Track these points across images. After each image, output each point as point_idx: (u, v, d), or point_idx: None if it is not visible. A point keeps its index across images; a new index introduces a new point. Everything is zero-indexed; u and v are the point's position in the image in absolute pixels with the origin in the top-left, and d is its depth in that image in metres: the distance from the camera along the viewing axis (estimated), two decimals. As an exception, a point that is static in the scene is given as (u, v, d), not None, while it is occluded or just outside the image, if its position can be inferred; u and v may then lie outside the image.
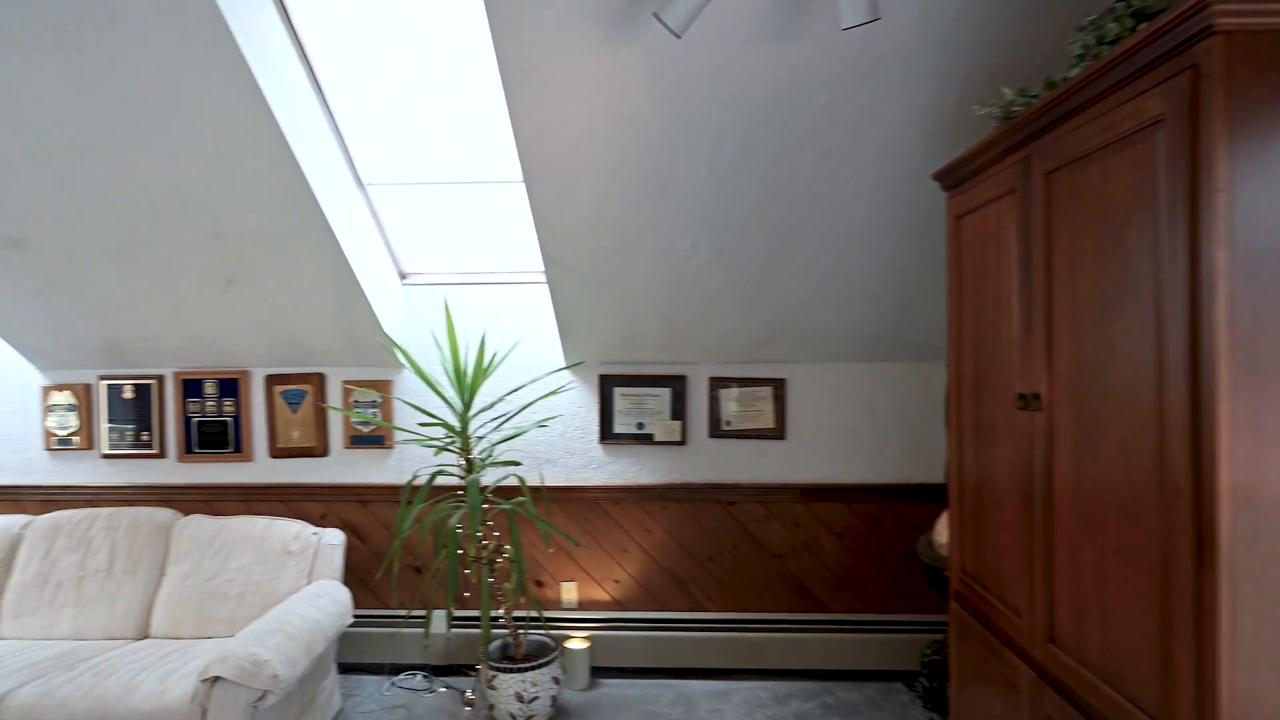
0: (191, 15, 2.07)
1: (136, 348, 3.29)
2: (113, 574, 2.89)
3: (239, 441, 3.37)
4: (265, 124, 2.36)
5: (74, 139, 2.44)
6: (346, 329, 3.14)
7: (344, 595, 2.83)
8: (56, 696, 2.25)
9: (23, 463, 3.45)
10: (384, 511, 3.36)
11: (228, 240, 2.77)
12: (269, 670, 2.18)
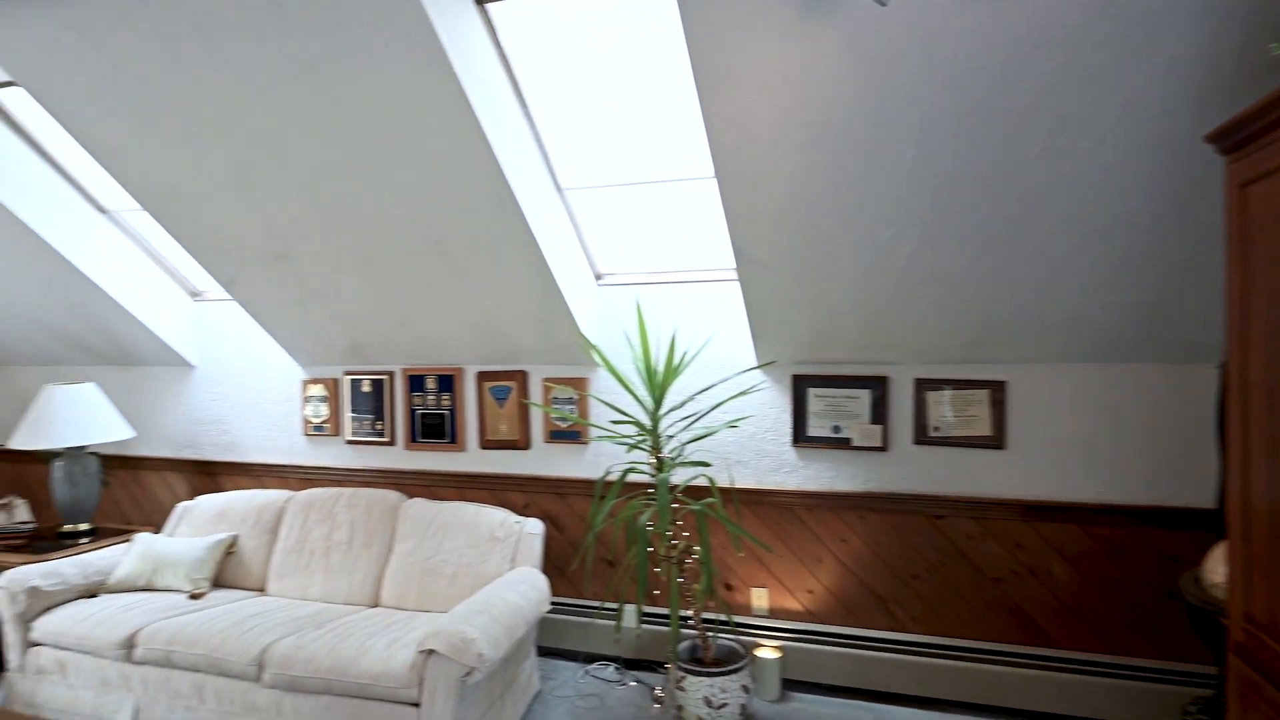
0: (419, 51, 2.26)
1: (373, 347, 3.69)
2: (352, 547, 3.27)
3: (454, 433, 3.67)
4: (476, 141, 2.52)
5: (325, 165, 2.78)
6: (546, 329, 3.29)
7: (543, 583, 2.96)
8: (306, 651, 2.57)
9: (288, 445, 4.02)
10: (580, 504, 3.49)
11: (446, 249, 3.02)
12: (476, 648, 2.33)
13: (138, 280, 3.92)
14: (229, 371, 4.12)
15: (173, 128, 2.78)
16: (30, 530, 3.84)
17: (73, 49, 2.54)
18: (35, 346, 4.42)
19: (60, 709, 2.90)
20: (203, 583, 3.24)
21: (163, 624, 2.82)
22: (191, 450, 4.22)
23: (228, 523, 3.50)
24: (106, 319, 3.95)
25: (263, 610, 2.97)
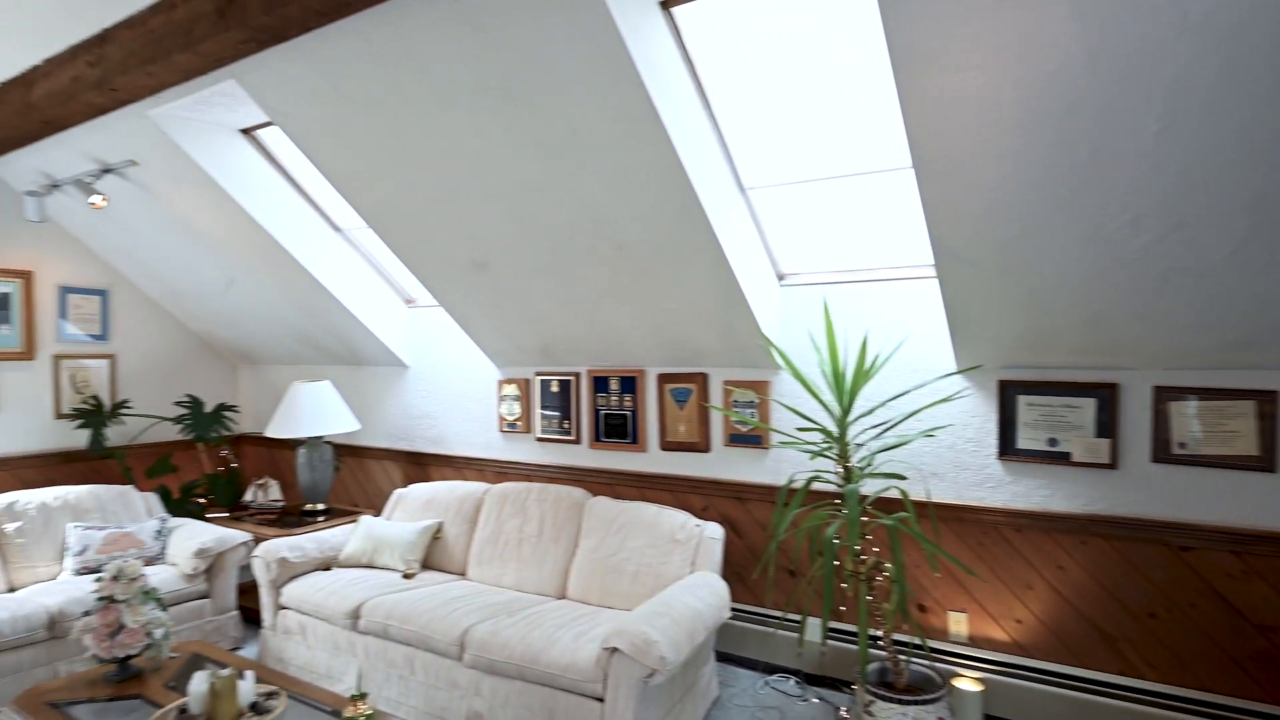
0: (606, 60, 2.32)
1: (562, 349, 3.86)
2: (541, 540, 3.43)
3: (635, 433, 3.74)
4: (661, 145, 2.54)
5: (519, 177, 2.94)
6: (727, 331, 3.25)
7: (723, 588, 2.92)
8: (501, 637, 2.73)
9: (485, 440, 4.32)
10: (760, 510, 3.41)
11: (629, 252, 3.08)
12: (658, 651, 2.34)
13: (363, 290, 4.41)
14: (436, 371, 4.50)
15: (393, 153, 3.08)
16: (280, 508, 4.45)
17: (316, 89, 2.89)
18: (284, 348, 5.13)
19: (301, 665, 3.32)
20: (414, 564, 3.56)
21: (382, 599, 3.13)
22: (405, 442, 4.67)
23: (434, 510, 3.82)
24: (339, 324, 4.48)
25: (464, 594, 3.21)
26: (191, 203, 3.99)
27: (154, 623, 2.48)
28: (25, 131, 3.73)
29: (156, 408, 5.17)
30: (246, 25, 2.51)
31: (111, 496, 3.95)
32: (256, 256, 4.20)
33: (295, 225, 4.12)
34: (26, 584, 3.50)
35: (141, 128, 3.54)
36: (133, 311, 5.13)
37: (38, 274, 4.67)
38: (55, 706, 2.28)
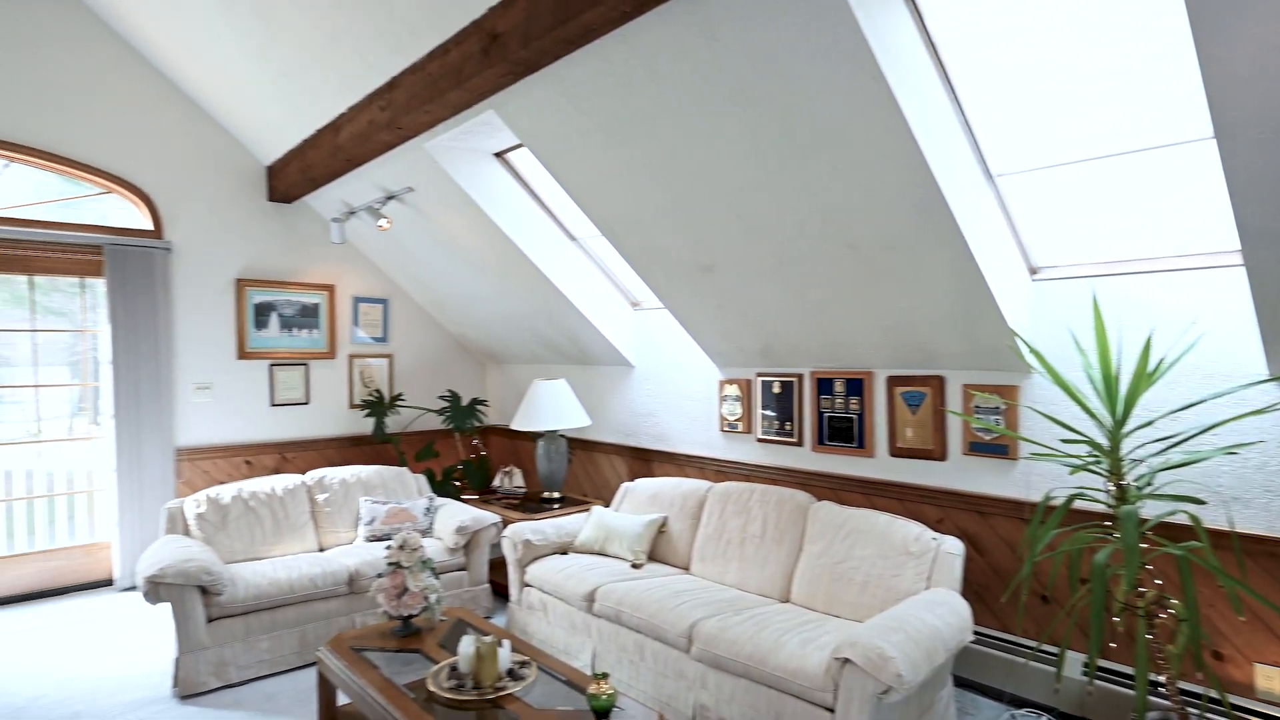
0: (844, 54, 2.27)
1: (784, 350, 3.83)
2: (764, 541, 3.43)
3: (861, 437, 3.60)
4: (900, 136, 2.42)
5: (745, 179, 2.97)
6: (969, 331, 3.01)
7: (964, 609, 2.71)
8: (729, 634, 2.77)
9: (706, 439, 4.41)
10: (1005, 526, 3.11)
11: (860, 250, 2.97)
12: (893, 668, 2.23)
13: (594, 294, 4.71)
14: (660, 371, 4.68)
15: (626, 164, 3.26)
16: (523, 494, 4.90)
17: (560, 110, 3.14)
18: (525, 349, 5.64)
19: (543, 640, 3.63)
20: (641, 555, 3.73)
21: (614, 586, 3.32)
22: (630, 438, 4.91)
23: (659, 505, 3.98)
24: (573, 326, 4.83)
25: (689, 588, 3.30)
26: (454, 220, 4.54)
27: (430, 588, 2.85)
28: (333, 169, 4.48)
29: (422, 401, 5.94)
30: (506, 60, 2.80)
31: (392, 476, 4.61)
32: (504, 265, 4.67)
33: (536, 236, 4.51)
34: (331, 545, 4.20)
35: (418, 159, 4.09)
36: (406, 317, 5.95)
37: (338, 287, 5.59)
38: (356, 651, 2.71)
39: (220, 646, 3.28)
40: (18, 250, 4.43)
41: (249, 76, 4.31)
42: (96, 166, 4.64)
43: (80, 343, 4.81)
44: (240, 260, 5.16)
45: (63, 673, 3.44)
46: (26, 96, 4.40)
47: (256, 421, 5.24)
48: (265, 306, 5.26)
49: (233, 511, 3.94)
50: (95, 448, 4.83)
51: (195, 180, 4.98)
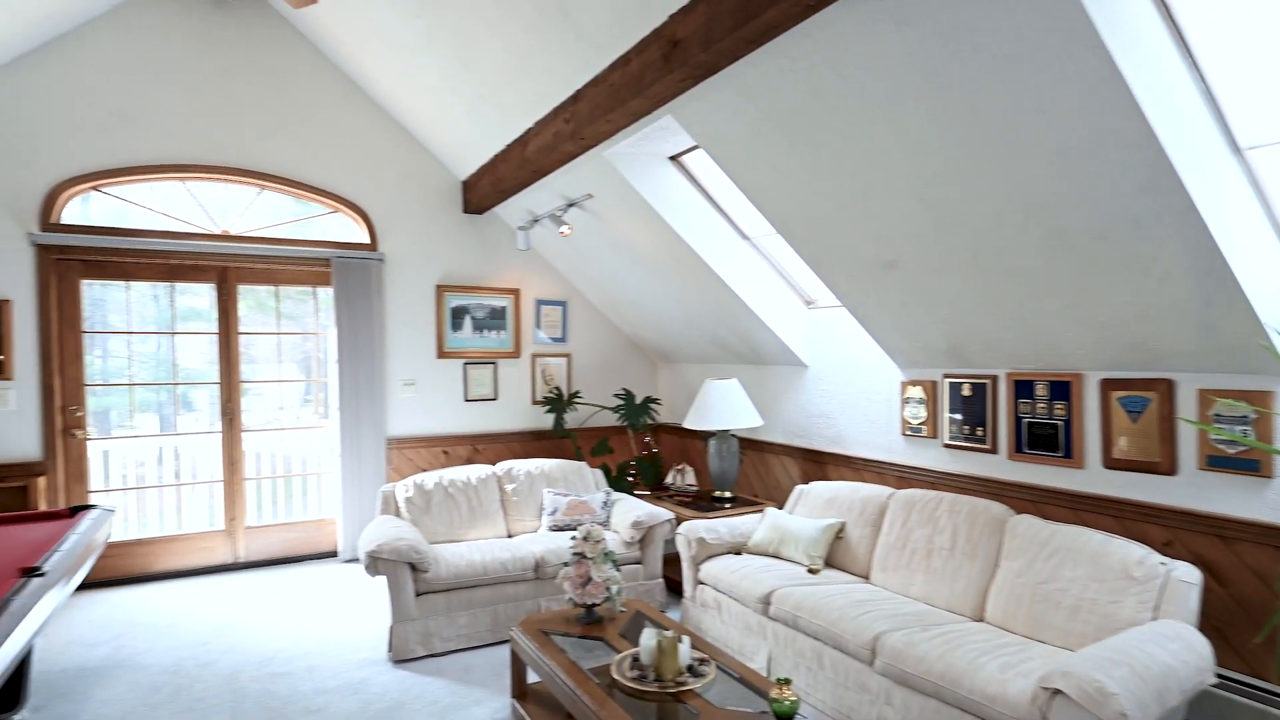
0: (1056, 26, 2.07)
1: (974, 350, 3.56)
2: (954, 554, 3.21)
3: (1069, 446, 3.26)
4: (1123, 110, 2.17)
5: (935, 169, 2.79)
6: (1207, 327, 2.63)
7: (1203, 646, 2.37)
8: (917, 651, 2.63)
9: (886, 443, 4.21)
10: (1253, 555, 2.68)
11: (1068, 238, 2.69)
12: (1115, 705, 2.00)
13: (767, 293, 4.66)
14: (835, 371, 4.54)
15: (805, 160, 3.19)
16: (694, 492, 4.96)
17: (739, 110, 3.14)
18: (697, 348, 5.70)
19: (716, 638, 3.65)
20: (818, 560, 3.64)
21: (790, 590, 3.27)
22: (803, 440, 4.80)
23: (836, 509, 3.86)
24: (744, 326, 4.81)
25: (871, 598, 3.17)
26: (630, 224, 4.68)
27: (611, 580, 2.97)
28: (520, 180, 4.79)
29: (598, 398, 6.19)
30: (687, 65, 2.84)
31: (572, 470, 4.84)
32: (677, 266, 4.74)
33: (709, 237, 4.54)
34: (518, 533, 4.50)
35: (597, 166, 4.27)
36: (583, 318, 6.23)
37: (522, 291, 5.97)
38: (545, 634, 2.88)
39: (426, 619, 3.62)
40: (266, 265, 5.16)
41: (450, 100, 4.72)
42: (325, 189, 5.30)
43: (308, 344, 5.52)
44: (440, 268, 5.67)
45: (299, 630, 3.96)
46: (275, 134, 5.11)
47: (452, 415, 5.72)
48: (460, 310, 5.73)
49: (435, 497, 4.33)
50: (322, 435, 5.51)
51: (403, 197, 5.54)
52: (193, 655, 3.65)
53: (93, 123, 4.65)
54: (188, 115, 4.88)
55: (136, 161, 4.77)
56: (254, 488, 5.29)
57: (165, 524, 5.08)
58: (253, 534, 5.20)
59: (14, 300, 4.48)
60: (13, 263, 4.48)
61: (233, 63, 4.99)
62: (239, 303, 5.14)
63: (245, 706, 3.12)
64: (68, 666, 3.53)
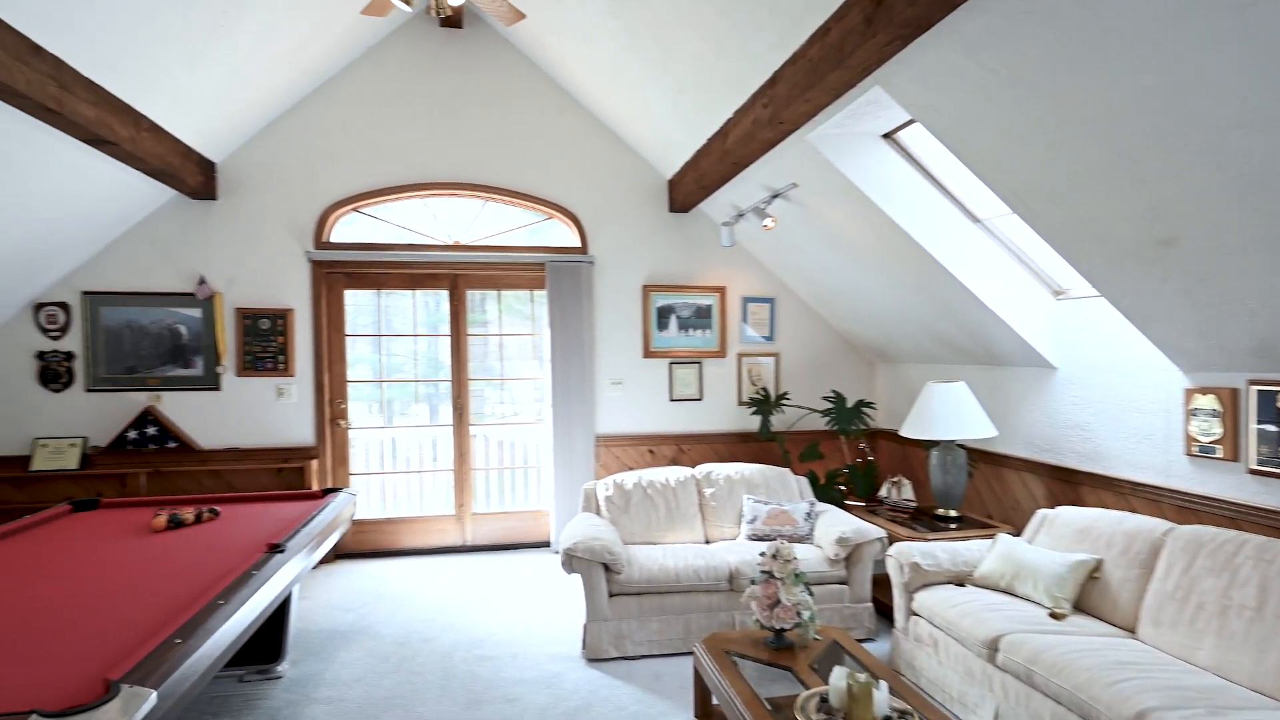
0: None
1: (1297, 350, 2.73)
2: (1262, 616, 2.46)
3: None
4: None
5: (1233, 115, 2.14)
6: None
7: None
8: (1200, 741, 2.03)
9: (1162, 464, 3.41)
10: None
11: None
12: None
13: (1003, 283, 4.01)
14: (1092, 374, 3.78)
15: (1042, 121, 2.64)
16: (912, 508, 4.44)
17: (958, 70, 2.68)
18: (918, 346, 5.12)
19: (931, 680, 3.19)
20: (1064, 603, 3.03)
21: (1025, 637, 2.74)
22: (1050, 454, 4.07)
23: (1090, 542, 3.19)
24: (975, 321, 4.20)
25: (1135, 660, 2.54)
26: (838, 212, 4.30)
27: (802, 604, 2.69)
28: (722, 174, 4.63)
29: (807, 400, 5.84)
30: (892, 24, 2.47)
31: (774, 476, 4.59)
32: (893, 256, 4.27)
33: (931, 222, 4.02)
34: (716, 539, 4.35)
35: (800, 152, 3.97)
36: (791, 315, 5.91)
37: (728, 289, 5.81)
38: (728, 654, 2.69)
39: (619, 620, 3.61)
40: (490, 271, 5.55)
41: (651, 97, 4.70)
42: (541, 197, 5.57)
43: (526, 344, 5.83)
44: (646, 268, 5.70)
45: (509, 616, 4.18)
46: (497, 148, 5.48)
47: (658, 415, 5.73)
48: (666, 309, 5.72)
49: (634, 497, 4.33)
50: (539, 430, 5.81)
51: (612, 200, 5.65)
52: (419, 630, 4.00)
53: (353, 152, 5.32)
54: (425, 139, 5.40)
55: (386, 184, 5.38)
56: (481, 477, 5.73)
57: (408, 506, 5.68)
58: (479, 520, 5.64)
59: (295, 309, 5.27)
60: (294, 277, 5.27)
61: (462, 86, 5.43)
62: (467, 306, 5.59)
63: (451, 686, 3.33)
64: (324, 628, 4.04)
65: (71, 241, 4.73)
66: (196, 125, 4.57)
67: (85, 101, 3.55)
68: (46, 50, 3.24)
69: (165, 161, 4.40)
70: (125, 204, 4.77)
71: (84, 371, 5.04)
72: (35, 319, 4.99)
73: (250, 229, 5.22)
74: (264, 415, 5.25)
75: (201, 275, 5.15)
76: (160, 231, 5.11)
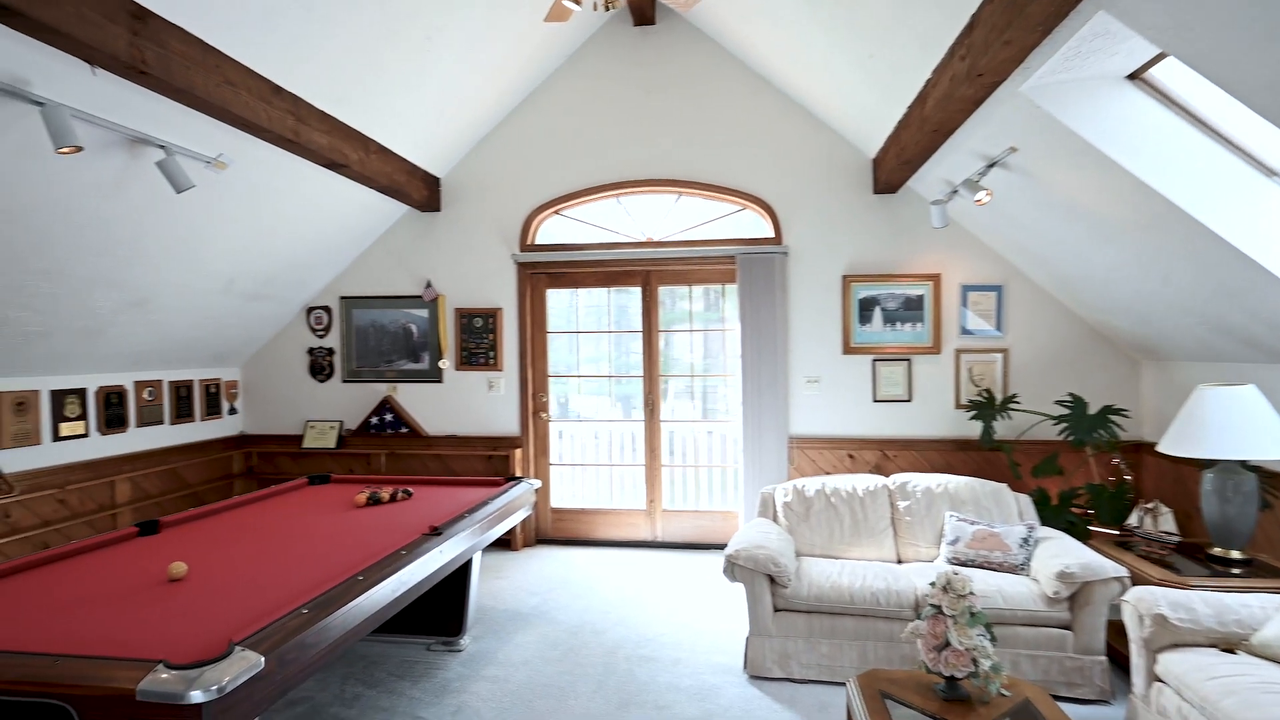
0: None
1: None
2: None
3: None
4: None
5: None
6: None
7: None
8: None
9: None
10: None
11: None
12: None
13: (1315, 256, 3.02)
14: None
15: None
16: (1173, 543, 3.53)
17: (1205, -30, 2.03)
18: (1194, 339, 4.07)
19: (1183, 768, 2.47)
20: (1394, 697, 2.16)
21: (1315, 737, 1.99)
22: (1395, 488, 2.98)
23: None
24: (1271, 306, 3.22)
25: None
26: (1071, 178, 3.56)
27: (979, 651, 2.22)
28: (923, 145, 4.07)
29: (1043, 404, 4.95)
30: (1091, -79, 1.93)
31: (986, 492, 3.93)
32: (1154, 228, 3.43)
33: (1202, 181, 3.14)
34: (910, 559, 3.83)
35: (1014, 109, 3.33)
36: (1025, 304, 5.06)
37: (944, 276, 5.13)
38: (885, 697, 2.31)
39: (784, 638, 3.32)
40: (682, 266, 5.49)
41: (841, 65, 4.29)
42: (733, 188, 5.38)
43: (715, 341, 5.67)
44: (846, 257, 5.25)
45: (679, 618, 4.07)
46: (689, 141, 5.40)
47: (859, 417, 5.25)
48: (869, 301, 5.21)
49: (815, 505, 3.98)
50: (728, 429, 5.63)
51: (807, 185, 5.28)
52: (592, 621, 4.05)
53: (554, 157, 5.58)
54: (620, 138, 5.49)
55: (583, 185, 5.56)
56: (671, 474, 5.70)
57: (603, 498, 5.82)
58: (669, 516, 5.61)
59: (503, 308, 5.67)
60: (503, 279, 5.67)
61: (654, 82, 5.43)
62: (659, 302, 5.59)
63: (608, 683, 3.30)
64: (510, 608, 4.27)
65: (330, 254, 5.54)
66: (417, 144, 5.09)
67: (319, 131, 4.10)
68: (285, 89, 3.80)
69: (392, 179, 4.96)
70: (367, 219, 5.47)
71: (341, 365, 5.89)
72: (307, 320, 5.93)
73: (466, 236, 5.71)
74: (477, 406, 5.72)
75: (428, 279, 5.75)
76: (396, 242, 5.80)
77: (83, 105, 3.03)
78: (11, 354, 4.02)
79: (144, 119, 3.32)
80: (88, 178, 3.40)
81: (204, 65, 3.22)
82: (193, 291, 4.69)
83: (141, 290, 4.32)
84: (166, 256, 4.24)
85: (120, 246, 3.91)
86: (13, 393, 4.15)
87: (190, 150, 3.63)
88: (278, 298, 5.53)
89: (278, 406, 6.00)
